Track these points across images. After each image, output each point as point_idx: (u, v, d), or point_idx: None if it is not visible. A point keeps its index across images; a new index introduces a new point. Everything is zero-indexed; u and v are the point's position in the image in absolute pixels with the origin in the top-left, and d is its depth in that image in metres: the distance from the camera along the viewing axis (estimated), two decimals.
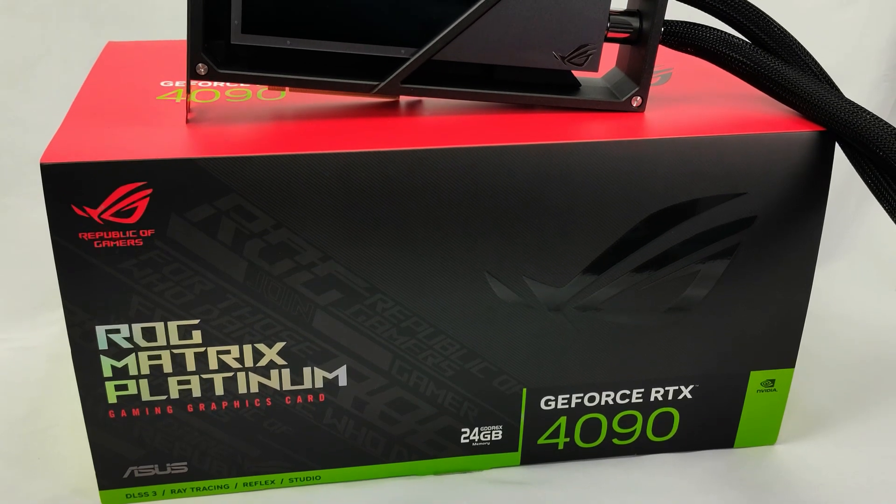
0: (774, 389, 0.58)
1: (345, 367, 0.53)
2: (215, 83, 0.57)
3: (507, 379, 0.55)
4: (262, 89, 0.56)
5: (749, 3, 0.53)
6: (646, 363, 0.56)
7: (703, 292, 0.54)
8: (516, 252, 0.51)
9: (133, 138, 0.48)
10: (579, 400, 0.57)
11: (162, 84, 0.57)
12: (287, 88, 0.53)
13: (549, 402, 0.56)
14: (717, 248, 0.53)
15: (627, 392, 0.57)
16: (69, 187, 0.46)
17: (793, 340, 0.57)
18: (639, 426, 0.58)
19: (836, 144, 0.52)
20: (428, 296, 0.52)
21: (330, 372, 0.53)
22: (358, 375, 0.53)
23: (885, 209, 0.50)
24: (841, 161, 0.53)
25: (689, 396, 0.58)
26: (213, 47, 0.50)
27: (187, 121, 0.51)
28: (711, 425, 0.59)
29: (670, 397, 0.57)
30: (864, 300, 0.80)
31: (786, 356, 0.57)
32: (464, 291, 0.52)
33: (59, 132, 0.49)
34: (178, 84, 0.57)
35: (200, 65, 0.49)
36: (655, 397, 0.57)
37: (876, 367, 0.70)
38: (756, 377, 0.58)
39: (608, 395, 0.57)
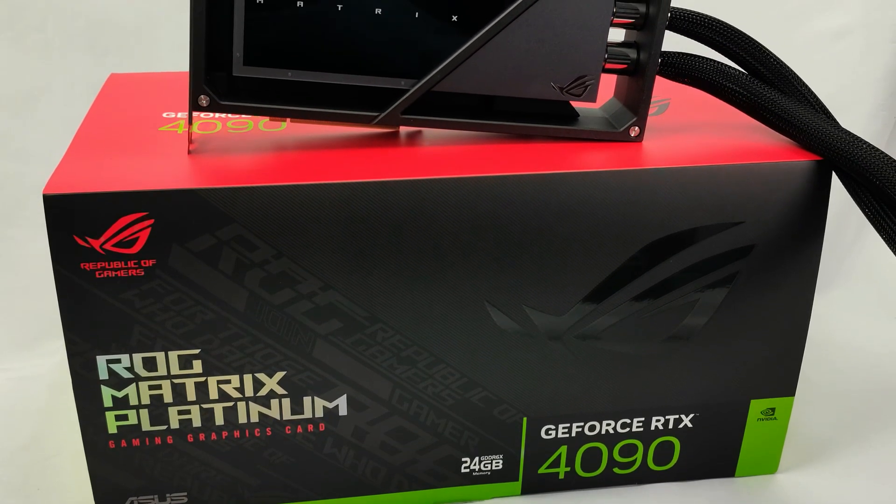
0: (775, 418, 0.58)
1: (345, 396, 0.53)
2: (217, 114, 0.58)
3: (508, 408, 0.55)
4: (263, 120, 0.57)
5: (745, 34, 0.54)
6: (646, 392, 0.56)
7: (703, 321, 0.54)
8: (516, 281, 0.51)
9: (135, 169, 0.49)
10: (580, 429, 0.57)
11: (164, 115, 0.58)
12: (288, 119, 0.53)
13: (550, 431, 0.56)
14: (715, 277, 0.53)
15: (628, 421, 0.57)
16: (71, 218, 0.46)
17: (793, 369, 0.57)
18: (639, 455, 0.58)
19: (834, 173, 0.53)
20: (428, 325, 0.52)
21: (330, 401, 0.53)
22: (358, 405, 0.53)
23: (882, 238, 0.51)
24: (839, 189, 0.53)
25: (689, 425, 0.58)
26: (215, 79, 0.50)
27: (189, 152, 0.51)
28: (712, 454, 0.59)
29: (671, 426, 0.57)
30: (863, 328, 0.80)
31: (786, 384, 0.57)
32: (464, 320, 0.52)
33: (62, 163, 0.49)
34: (180, 115, 0.58)
35: (202, 96, 0.49)
36: (656, 426, 0.57)
37: (876, 396, 0.70)
38: (756, 406, 0.58)
39: (608, 424, 0.57)
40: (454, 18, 0.50)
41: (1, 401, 0.67)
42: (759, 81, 0.54)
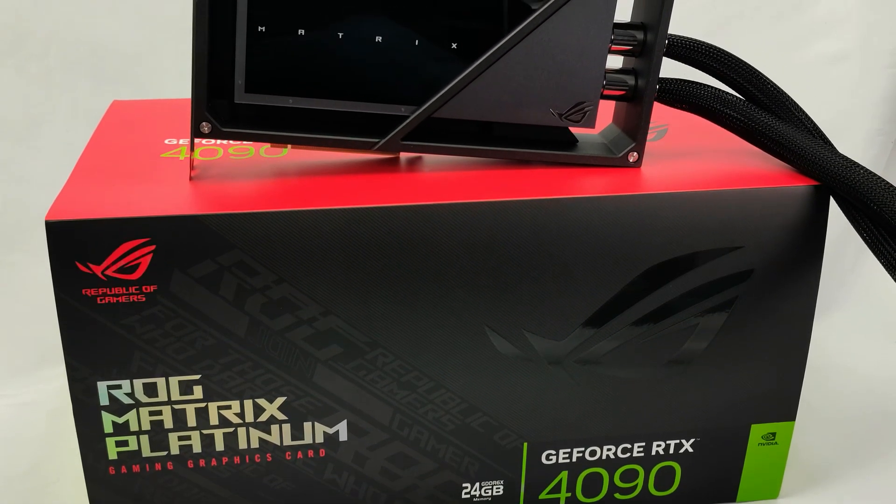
0: (776, 443, 0.58)
1: (345, 421, 0.53)
2: (218, 141, 0.58)
3: (508, 433, 0.55)
4: (264, 146, 0.57)
5: (742, 60, 0.54)
6: (646, 417, 0.56)
7: (703, 345, 0.54)
8: (516, 306, 0.52)
9: (137, 195, 0.49)
10: (580, 454, 0.56)
11: (166, 142, 0.58)
12: (289, 145, 0.53)
13: (550, 457, 0.56)
14: (715, 302, 0.53)
15: (628, 446, 0.57)
16: (73, 244, 0.46)
17: (793, 393, 0.57)
18: (640, 480, 0.58)
19: (832, 198, 0.53)
20: (428, 350, 0.52)
21: (330, 427, 0.53)
22: (358, 430, 0.53)
23: (881, 263, 0.51)
24: (838, 213, 0.54)
25: (690, 450, 0.57)
26: (217, 106, 0.51)
27: (191, 178, 0.52)
28: (713, 479, 0.59)
29: (671, 451, 0.57)
30: (863, 352, 0.80)
31: (786, 409, 0.57)
32: (464, 345, 0.52)
33: (64, 190, 0.50)
34: (181, 142, 0.58)
35: (204, 123, 0.50)
36: (657, 451, 0.57)
37: (877, 420, 0.70)
38: (757, 430, 0.58)
39: (609, 450, 0.57)
40: (454, 46, 0.51)
41: (1, 427, 0.67)
42: (756, 107, 0.54)
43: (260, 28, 0.49)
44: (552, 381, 0.54)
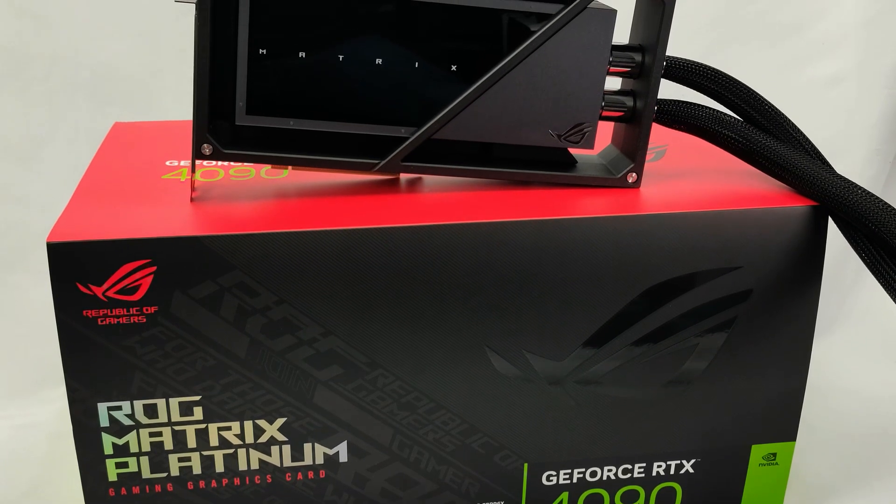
0: (776, 463, 0.58)
1: (345, 442, 0.53)
2: (219, 162, 0.58)
3: (509, 454, 0.55)
4: (265, 168, 0.57)
5: (740, 82, 0.55)
6: (647, 437, 0.56)
7: (702, 365, 0.54)
8: (516, 326, 0.52)
9: (138, 217, 0.49)
10: (581, 475, 0.56)
11: (167, 163, 0.58)
12: (290, 167, 0.54)
13: (551, 478, 0.56)
14: (714, 322, 0.53)
15: (629, 467, 0.57)
16: (75, 265, 0.46)
17: (793, 413, 0.57)
18: (641, 502, 0.58)
19: (830, 219, 0.53)
20: (429, 370, 0.52)
21: (330, 448, 0.53)
22: (358, 451, 0.53)
23: (879, 283, 0.51)
24: (837, 233, 0.54)
25: (691, 471, 0.57)
26: (218, 128, 0.51)
27: (192, 199, 0.52)
28: (714, 500, 0.59)
29: (672, 472, 0.57)
30: (863, 372, 0.80)
31: (787, 429, 0.57)
32: (464, 366, 0.52)
33: (66, 211, 0.50)
34: (183, 163, 0.58)
35: (206, 145, 0.50)
36: (657, 472, 0.57)
37: (878, 440, 0.69)
38: (758, 451, 0.58)
39: (610, 470, 0.57)
40: (453, 68, 0.51)
41: (1, 449, 0.67)
42: (754, 128, 0.54)
43: (261, 51, 0.49)
44: (552, 402, 0.54)
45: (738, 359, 0.55)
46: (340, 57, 0.50)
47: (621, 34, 0.53)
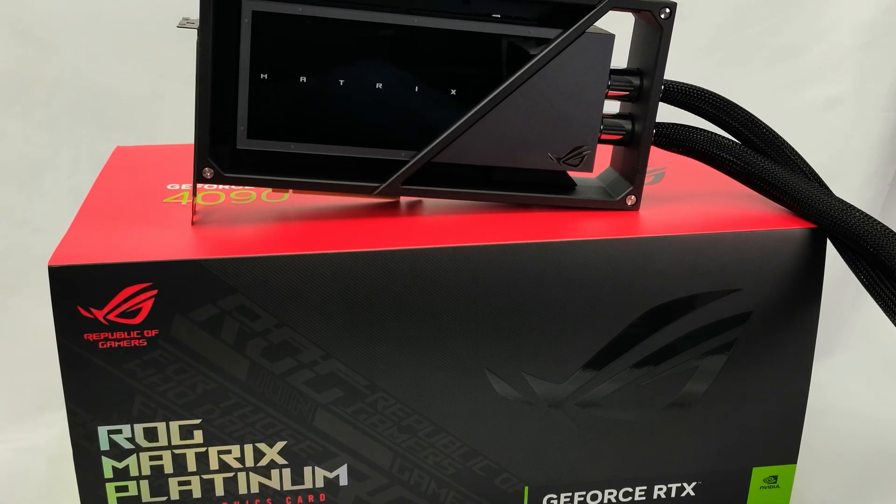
0: (777, 486, 0.58)
1: (346, 466, 0.53)
2: (221, 186, 0.59)
3: (509, 477, 0.55)
4: (266, 191, 0.58)
5: (737, 105, 0.55)
6: (647, 460, 0.56)
7: (703, 388, 0.54)
8: (516, 348, 0.52)
9: (139, 240, 0.50)
10: (581, 498, 0.56)
11: (169, 187, 0.58)
12: (290, 190, 0.54)
13: (552, 501, 0.56)
14: (714, 344, 0.53)
15: (630, 489, 0.56)
16: (76, 289, 0.47)
17: (794, 435, 0.57)
18: None
19: (829, 241, 0.53)
20: (429, 393, 0.52)
21: (331, 471, 0.53)
22: (359, 475, 0.53)
23: (879, 305, 0.51)
24: (836, 254, 0.54)
25: (692, 493, 0.57)
26: (220, 152, 0.51)
27: (193, 223, 0.52)
28: None
29: (673, 494, 0.57)
30: (864, 393, 0.79)
31: (788, 452, 0.57)
32: (465, 388, 0.52)
33: (68, 235, 0.50)
34: (184, 187, 0.58)
35: (207, 169, 0.50)
36: (658, 495, 0.57)
37: (878, 462, 0.69)
38: (759, 473, 0.58)
39: (611, 493, 0.56)
40: (453, 92, 0.52)
41: (1, 472, 0.67)
42: (752, 151, 0.55)
43: (262, 75, 0.50)
44: (553, 424, 0.54)
45: (738, 381, 0.55)
46: (341, 81, 0.50)
47: (620, 58, 0.54)
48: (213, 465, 0.52)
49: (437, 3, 0.51)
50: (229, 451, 0.51)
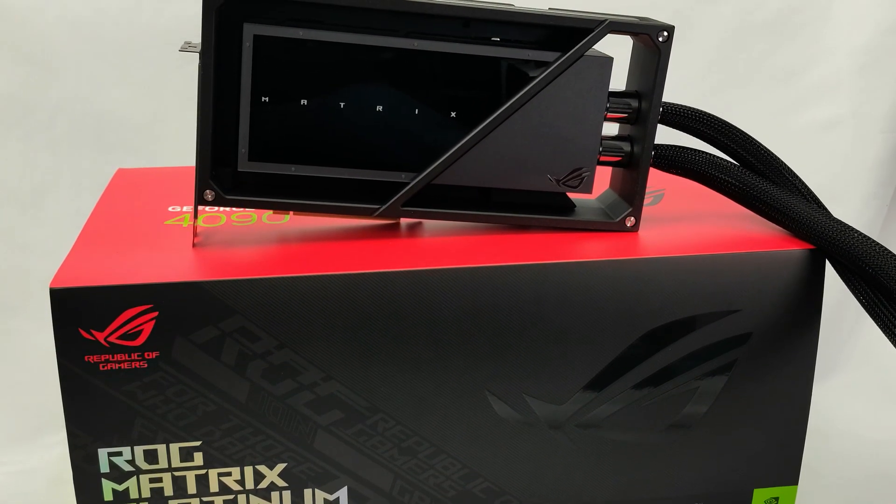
0: None
1: (346, 488, 0.53)
2: (221, 208, 0.59)
3: (510, 499, 0.55)
4: (267, 213, 0.58)
5: (735, 127, 0.55)
6: (648, 481, 0.56)
7: (703, 409, 0.54)
8: (516, 370, 0.52)
9: (140, 262, 0.50)
10: None
11: (170, 209, 0.59)
12: (291, 212, 0.54)
13: None
14: (714, 365, 0.53)
15: None
16: (77, 311, 0.47)
17: (794, 457, 0.57)
18: None
19: (828, 262, 0.53)
20: (429, 415, 0.52)
21: (331, 493, 0.53)
22: (359, 497, 0.53)
23: (878, 326, 0.51)
24: (836, 276, 0.54)
25: None
26: (221, 174, 0.51)
27: (194, 245, 0.52)
28: None
29: None
30: (864, 414, 0.79)
31: (788, 473, 0.57)
32: (465, 410, 0.52)
33: (69, 257, 0.50)
34: (185, 209, 0.59)
35: (208, 191, 0.51)
36: None
37: (879, 482, 0.69)
38: (760, 495, 0.57)
39: None
40: (453, 114, 0.52)
41: (1, 495, 0.67)
42: (750, 172, 0.55)
43: (263, 98, 0.50)
44: (553, 446, 0.54)
45: (738, 402, 0.55)
46: (342, 104, 0.51)
47: (618, 80, 0.54)
48: (214, 487, 0.51)
49: (436, 27, 0.51)
50: (229, 473, 0.51)
